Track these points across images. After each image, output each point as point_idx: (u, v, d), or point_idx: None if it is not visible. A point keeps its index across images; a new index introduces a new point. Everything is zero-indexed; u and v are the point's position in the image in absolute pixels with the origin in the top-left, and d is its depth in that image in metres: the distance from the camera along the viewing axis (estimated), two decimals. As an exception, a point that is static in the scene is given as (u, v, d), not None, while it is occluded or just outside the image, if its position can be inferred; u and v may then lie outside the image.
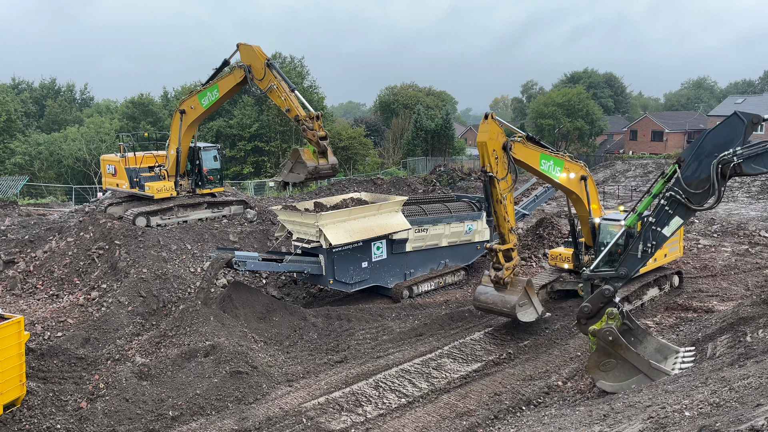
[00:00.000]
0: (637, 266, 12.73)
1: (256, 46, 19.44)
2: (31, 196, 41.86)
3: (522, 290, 15.92)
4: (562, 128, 70.05)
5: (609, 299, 12.58)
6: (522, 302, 15.81)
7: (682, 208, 12.09)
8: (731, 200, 38.87)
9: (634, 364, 12.13)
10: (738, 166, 11.53)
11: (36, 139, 55.83)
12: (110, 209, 23.55)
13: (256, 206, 26.42)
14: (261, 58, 19.20)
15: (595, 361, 12.17)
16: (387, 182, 37.45)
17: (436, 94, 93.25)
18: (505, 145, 15.88)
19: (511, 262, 16.15)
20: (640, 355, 12.29)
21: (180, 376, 13.43)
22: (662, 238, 12.38)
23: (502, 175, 15.74)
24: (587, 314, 12.81)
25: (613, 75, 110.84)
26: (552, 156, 17.10)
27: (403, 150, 67.96)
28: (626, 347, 12.09)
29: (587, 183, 17.66)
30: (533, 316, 16.21)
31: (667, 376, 11.91)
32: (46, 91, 79.58)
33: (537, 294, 16.75)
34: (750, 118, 11.65)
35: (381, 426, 12.04)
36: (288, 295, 20.56)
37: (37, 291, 19.20)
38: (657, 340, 13.53)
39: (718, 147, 11.71)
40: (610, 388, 12.17)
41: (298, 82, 59.85)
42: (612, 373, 12.13)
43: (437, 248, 20.92)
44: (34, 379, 13.00)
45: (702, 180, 11.80)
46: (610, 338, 11.92)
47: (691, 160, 11.97)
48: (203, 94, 21.55)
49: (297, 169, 18.49)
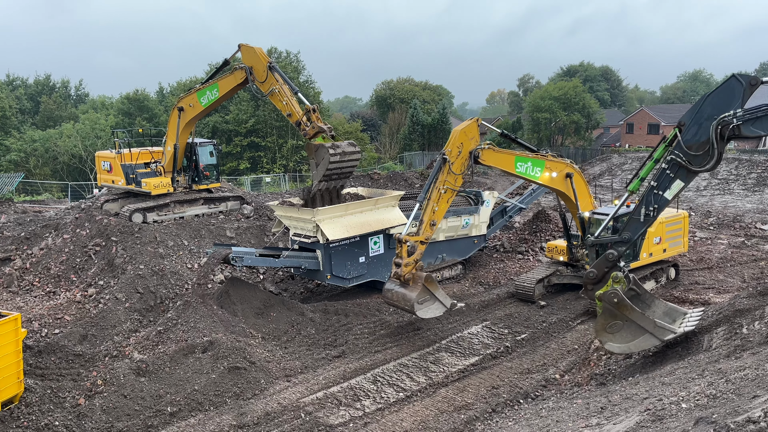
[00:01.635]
0: (640, 230, 12.94)
1: (258, 48, 19.21)
2: (26, 193, 41.73)
3: (421, 286, 15.28)
4: (559, 122, 70.00)
5: (613, 263, 12.97)
6: (421, 299, 15.25)
7: (683, 171, 12.34)
8: (727, 193, 38.98)
9: (639, 324, 12.47)
10: (737, 127, 11.73)
11: (31, 135, 55.63)
12: (106, 206, 23.48)
13: (253, 202, 26.39)
14: (263, 60, 18.96)
15: (602, 324, 12.51)
16: (384, 177, 37.45)
17: (433, 89, 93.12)
18: (473, 151, 15.98)
19: (412, 256, 15.38)
20: (644, 314, 12.57)
21: (178, 372, 13.43)
22: (664, 201, 12.62)
23: (456, 169, 15.75)
24: (593, 279, 13.22)
25: (609, 68, 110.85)
26: (529, 157, 17.09)
27: (399, 145, 67.92)
28: (631, 308, 12.38)
29: (573, 180, 17.65)
30: (438, 312, 15.61)
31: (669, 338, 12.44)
32: (40, 88, 79.23)
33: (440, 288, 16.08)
34: (748, 80, 11.82)
35: (379, 420, 12.07)
36: (285, 290, 20.56)
37: (34, 288, 19.17)
38: (665, 304, 13.72)
39: (717, 110, 11.91)
40: (618, 350, 12.57)
41: (294, 77, 59.66)
42: (619, 334, 12.48)
43: (434, 243, 20.91)
44: (32, 377, 12.98)
45: (702, 143, 12.03)
46: (615, 300, 12.25)
47: (691, 124, 12.19)
48: (202, 93, 21.42)
49: (319, 158, 17.75)
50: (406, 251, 15.30)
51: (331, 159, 17.33)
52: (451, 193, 15.98)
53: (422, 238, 15.61)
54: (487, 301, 18.92)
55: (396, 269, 15.46)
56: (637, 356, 13.62)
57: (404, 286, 15.47)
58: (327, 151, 17.33)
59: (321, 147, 17.64)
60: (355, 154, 18.05)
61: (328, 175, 17.83)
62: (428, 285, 15.55)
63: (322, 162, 17.60)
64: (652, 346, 12.76)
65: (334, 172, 17.87)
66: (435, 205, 15.73)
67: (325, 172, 17.62)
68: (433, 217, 15.75)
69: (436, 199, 15.74)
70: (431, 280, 15.64)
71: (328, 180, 18.06)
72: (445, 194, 15.82)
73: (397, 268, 15.43)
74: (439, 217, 15.96)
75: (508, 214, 24.24)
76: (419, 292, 15.24)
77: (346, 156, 17.76)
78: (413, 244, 15.44)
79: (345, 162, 17.84)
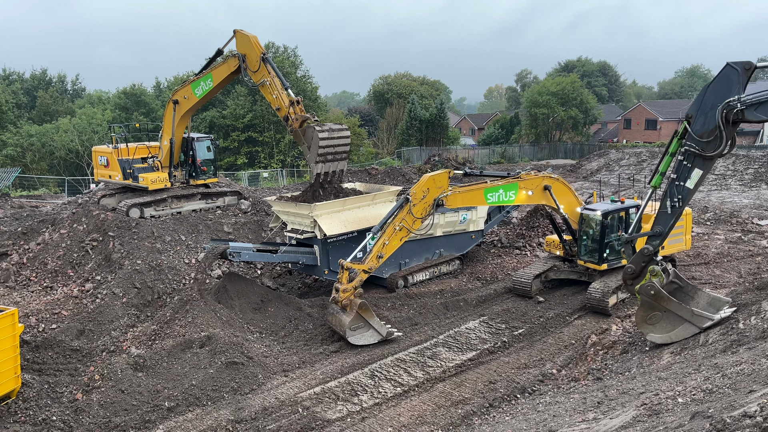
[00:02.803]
0: (669, 221, 13.32)
1: (254, 36, 19.14)
2: (23, 188, 41.65)
3: (354, 313, 15.22)
4: (556, 117, 70.00)
5: (650, 258, 13.43)
6: (354, 326, 15.21)
7: (699, 159, 12.71)
8: (724, 188, 39.05)
9: (677, 314, 12.97)
10: (741, 112, 12.02)
11: (28, 130, 55.46)
12: (103, 201, 23.42)
13: (250, 197, 26.35)
14: (257, 49, 18.92)
15: (642, 316, 13.08)
16: (381, 172, 37.42)
17: (430, 84, 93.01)
18: (437, 200, 16.16)
19: (352, 283, 15.29)
20: (681, 304, 12.98)
21: (175, 367, 13.43)
22: (686, 191, 12.98)
23: (416, 212, 15.95)
24: (631, 275, 13.63)
25: (607, 63, 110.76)
26: (499, 185, 17.23)
27: (397, 140, 67.85)
28: (668, 298, 12.87)
29: (552, 190, 17.98)
30: (372, 339, 15.40)
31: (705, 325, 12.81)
32: (37, 82, 78.88)
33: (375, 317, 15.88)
34: (742, 66, 12.11)
35: (377, 415, 12.09)
36: (283, 285, 20.56)
37: (31, 283, 19.14)
38: (709, 294, 14.01)
39: (720, 98, 12.24)
40: (660, 340, 13.02)
41: (291, 72, 59.50)
42: (659, 325, 13.04)
43: (432, 238, 20.91)
44: (29, 372, 12.98)
45: (711, 130, 12.37)
46: (652, 292, 12.86)
47: (697, 115, 12.57)
48: (197, 84, 21.35)
49: (308, 140, 17.72)
50: (346, 277, 15.29)
51: (320, 136, 17.39)
52: (406, 232, 16.04)
53: (366, 267, 15.55)
54: (484, 296, 18.94)
55: (335, 293, 15.47)
56: (635, 351, 13.66)
57: (342, 311, 15.41)
58: (314, 130, 17.46)
59: (308, 128, 17.76)
60: (343, 131, 18.13)
61: (323, 154, 17.75)
62: (362, 312, 15.40)
63: (313, 143, 17.61)
64: (692, 334, 13.02)
65: (327, 151, 17.83)
66: (387, 239, 15.82)
67: (318, 151, 17.56)
68: (383, 250, 15.78)
69: (389, 234, 15.84)
70: (366, 307, 15.51)
71: (324, 160, 17.99)
72: (399, 232, 15.92)
73: (335, 293, 15.42)
74: (388, 252, 15.92)
75: (505, 209, 24.24)
76: (352, 319, 15.19)
77: (334, 133, 17.86)
78: (356, 271, 15.40)
79: (335, 139, 17.88)
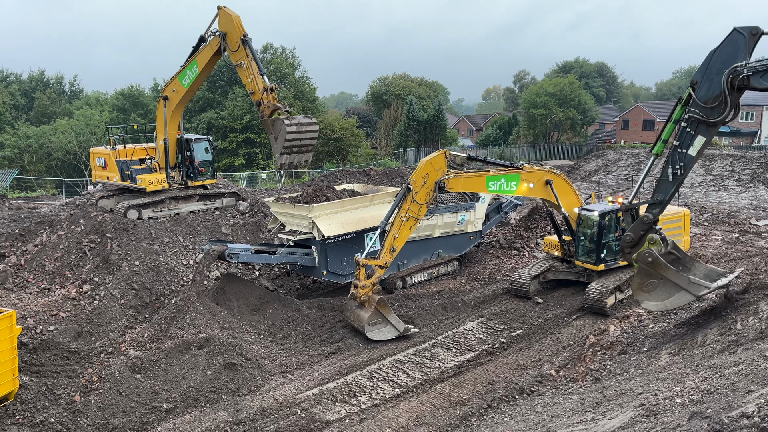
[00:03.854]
0: (670, 190, 13.15)
1: (237, 15, 19.11)
2: (21, 190, 41.58)
3: (373, 309, 15.61)
4: (554, 118, 70.09)
5: (649, 226, 13.28)
6: (372, 321, 15.56)
7: (703, 126, 12.61)
8: (722, 189, 39.10)
9: (674, 282, 12.95)
10: (746, 78, 11.94)
11: (25, 131, 55.38)
12: (101, 202, 23.39)
13: (249, 198, 26.33)
14: (238, 30, 18.90)
15: (638, 284, 13.08)
16: (379, 173, 37.33)
17: (428, 85, 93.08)
18: (438, 182, 16.16)
19: (370, 279, 15.72)
20: (678, 272, 12.97)
21: (174, 368, 13.41)
22: (689, 158, 12.85)
23: (419, 199, 15.99)
24: (630, 242, 13.52)
25: (604, 64, 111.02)
26: (502, 174, 17.23)
27: (395, 141, 67.90)
28: (665, 266, 12.84)
29: (553, 185, 17.92)
30: (390, 335, 15.72)
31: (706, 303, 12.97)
32: (34, 84, 78.79)
33: (393, 312, 16.27)
34: (749, 31, 12.05)
35: (375, 416, 12.09)
36: (281, 286, 20.54)
37: (29, 285, 19.10)
38: (706, 266, 14.04)
39: (725, 64, 12.18)
40: (655, 307, 13.15)
41: (290, 73, 59.55)
42: (655, 292, 13.02)
43: (430, 239, 20.92)
44: (27, 373, 12.95)
45: (716, 96, 12.30)
46: (650, 259, 12.78)
47: (702, 81, 12.48)
48: (183, 74, 21.31)
49: (276, 131, 17.99)
50: (363, 274, 15.63)
51: (288, 129, 17.59)
52: (413, 221, 16.20)
53: (381, 263, 15.86)
54: (482, 297, 18.94)
55: (353, 290, 15.79)
56: (633, 352, 13.67)
57: (360, 307, 15.80)
58: (283, 122, 17.64)
59: (277, 120, 17.95)
60: (312, 125, 18.30)
61: (289, 146, 18.00)
62: (381, 308, 15.75)
63: (280, 134, 17.84)
64: (687, 302, 13.09)
65: (293, 144, 18.04)
66: (396, 231, 16.01)
67: (285, 143, 17.81)
68: (394, 243, 16.01)
69: (398, 226, 16.01)
70: (384, 303, 15.86)
71: (290, 152, 18.21)
72: (407, 222, 16.09)
73: (354, 289, 15.75)
74: (400, 244, 16.16)
75: (503, 210, 24.26)
76: (371, 315, 15.54)
77: (303, 127, 18.02)
78: (372, 267, 15.70)
79: (302, 133, 18.07)
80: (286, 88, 59.02)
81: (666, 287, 12.96)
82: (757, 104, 63.23)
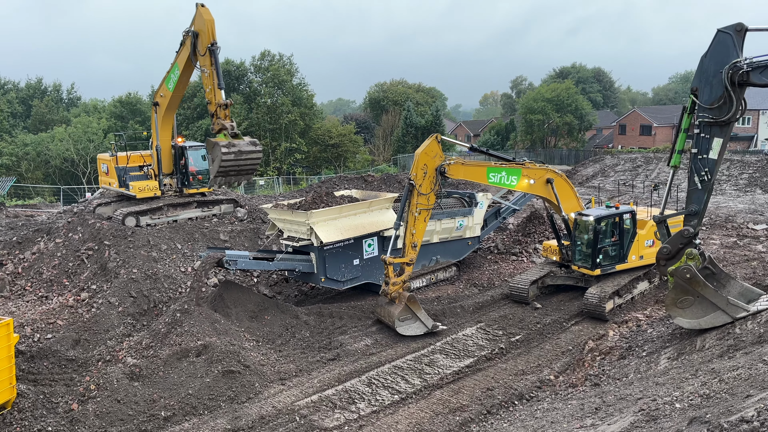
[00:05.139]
0: (703, 197, 12.96)
1: (211, 19, 18.91)
2: (18, 197, 41.52)
3: (403, 305, 16.25)
4: (552, 123, 70.27)
5: (689, 240, 13.04)
6: (402, 317, 16.19)
7: (716, 127, 12.57)
8: (719, 193, 39.16)
9: (711, 301, 12.60)
10: (746, 74, 11.97)
11: (23, 139, 55.40)
12: (99, 209, 23.37)
13: (247, 205, 26.32)
14: (209, 35, 18.83)
15: (673, 299, 12.75)
16: (377, 179, 37.35)
17: (426, 91, 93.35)
18: (439, 167, 16.27)
19: (400, 277, 16.39)
20: (717, 291, 12.65)
21: (172, 376, 13.37)
22: (711, 162, 12.71)
23: (424, 190, 16.17)
24: (666, 255, 13.24)
25: (601, 70, 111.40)
26: (503, 167, 17.28)
27: (393, 147, 68.02)
28: (704, 284, 12.51)
29: (554, 185, 17.88)
30: (419, 330, 16.25)
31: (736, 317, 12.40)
32: (32, 91, 78.87)
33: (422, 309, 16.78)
34: (733, 28, 12.13)
35: (374, 423, 12.05)
36: (280, 293, 20.51)
37: (26, 293, 19.04)
38: (741, 284, 13.71)
39: (720, 65, 12.23)
40: (688, 325, 12.74)
41: (287, 80, 59.59)
42: (689, 310, 12.68)
43: (428, 244, 20.92)
44: (25, 382, 12.90)
45: (720, 96, 12.31)
46: (688, 276, 12.48)
47: (702, 87, 12.52)
48: (168, 78, 21.38)
49: (214, 155, 18.28)
50: (392, 271, 16.29)
51: (223, 157, 17.87)
52: (426, 212, 16.47)
53: (407, 260, 16.44)
54: (481, 302, 18.93)
55: (384, 287, 16.50)
56: (632, 357, 13.66)
57: (390, 304, 16.48)
58: (220, 149, 17.89)
59: (216, 145, 18.15)
60: (253, 153, 18.45)
61: (223, 171, 18.33)
62: (410, 305, 16.35)
63: (216, 159, 18.16)
64: (723, 323, 12.71)
65: (229, 169, 18.27)
66: (413, 228, 16.33)
67: (219, 168, 18.15)
68: (413, 239, 16.39)
69: (412, 222, 16.31)
70: (414, 300, 16.46)
71: (225, 176, 18.53)
72: (419, 216, 16.35)
73: (385, 286, 16.44)
74: (419, 237, 16.51)
75: (501, 215, 24.26)
76: (401, 310, 16.18)
77: (242, 155, 18.17)
78: (399, 265, 16.37)
79: (241, 160, 18.23)
80: (284, 95, 59.13)
81: (702, 305, 12.66)
82: (754, 108, 63.47)
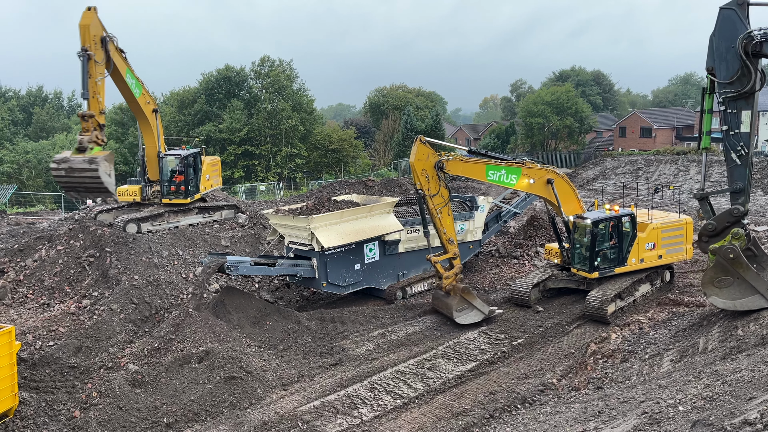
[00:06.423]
0: (744, 172, 12.89)
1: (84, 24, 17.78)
2: (19, 205, 41.57)
3: (458, 297, 17.11)
4: (552, 126, 70.32)
5: (738, 219, 12.97)
6: (459, 308, 17.02)
7: (741, 101, 12.57)
8: (720, 195, 39.15)
9: (752, 284, 12.53)
10: (759, 44, 12.03)
11: (24, 147, 55.46)
12: (100, 216, 23.40)
13: (248, 210, 26.35)
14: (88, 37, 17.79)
15: (711, 277, 12.75)
16: (378, 184, 37.41)
17: (426, 95, 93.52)
18: (437, 164, 16.59)
19: (451, 270, 17.24)
20: (759, 275, 12.58)
21: (174, 382, 13.35)
22: (745, 135, 12.68)
23: (434, 191, 16.61)
24: (711, 232, 13.11)
25: (600, 72, 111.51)
26: (503, 166, 17.33)
27: (393, 151, 68.05)
28: (747, 266, 12.47)
29: (554, 185, 17.85)
30: (476, 318, 17.06)
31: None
32: (33, 99, 78.98)
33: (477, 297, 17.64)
34: (734, 3, 12.27)
35: (377, 428, 12.02)
36: (281, 298, 20.50)
37: (28, 300, 19.05)
38: None
39: (730, 41, 12.31)
40: (722, 305, 12.76)
41: (287, 85, 59.70)
42: (727, 290, 12.66)
43: (430, 248, 20.90)
44: (27, 389, 12.90)
45: (737, 69, 12.35)
46: (731, 256, 12.45)
47: (718, 64, 12.58)
48: None
49: None
50: (441, 268, 17.22)
51: (53, 173, 17.28)
52: (446, 208, 16.99)
53: (451, 255, 17.24)
54: (483, 306, 18.89)
55: (438, 281, 17.45)
56: (635, 360, 13.64)
57: (446, 296, 17.40)
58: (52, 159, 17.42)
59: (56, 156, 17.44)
60: (85, 172, 16.82)
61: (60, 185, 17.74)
62: (465, 295, 17.25)
63: None
64: (760, 308, 12.64)
65: (66, 185, 17.33)
66: (441, 227, 16.95)
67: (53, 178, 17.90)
68: (447, 236, 17.08)
69: (438, 223, 16.92)
70: (468, 290, 17.36)
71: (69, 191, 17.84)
72: (442, 213, 16.90)
73: (439, 281, 17.36)
74: (451, 232, 17.22)
75: (502, 219, 24.27)
76: (457, 302, 17.08)
77: (73, 172, 16.92)
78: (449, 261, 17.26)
79: (72, 177, 16.99)
80: (284, 100, 59.20)
81: (741, 287, 12.60)
82: (754, 110, 63.43)
